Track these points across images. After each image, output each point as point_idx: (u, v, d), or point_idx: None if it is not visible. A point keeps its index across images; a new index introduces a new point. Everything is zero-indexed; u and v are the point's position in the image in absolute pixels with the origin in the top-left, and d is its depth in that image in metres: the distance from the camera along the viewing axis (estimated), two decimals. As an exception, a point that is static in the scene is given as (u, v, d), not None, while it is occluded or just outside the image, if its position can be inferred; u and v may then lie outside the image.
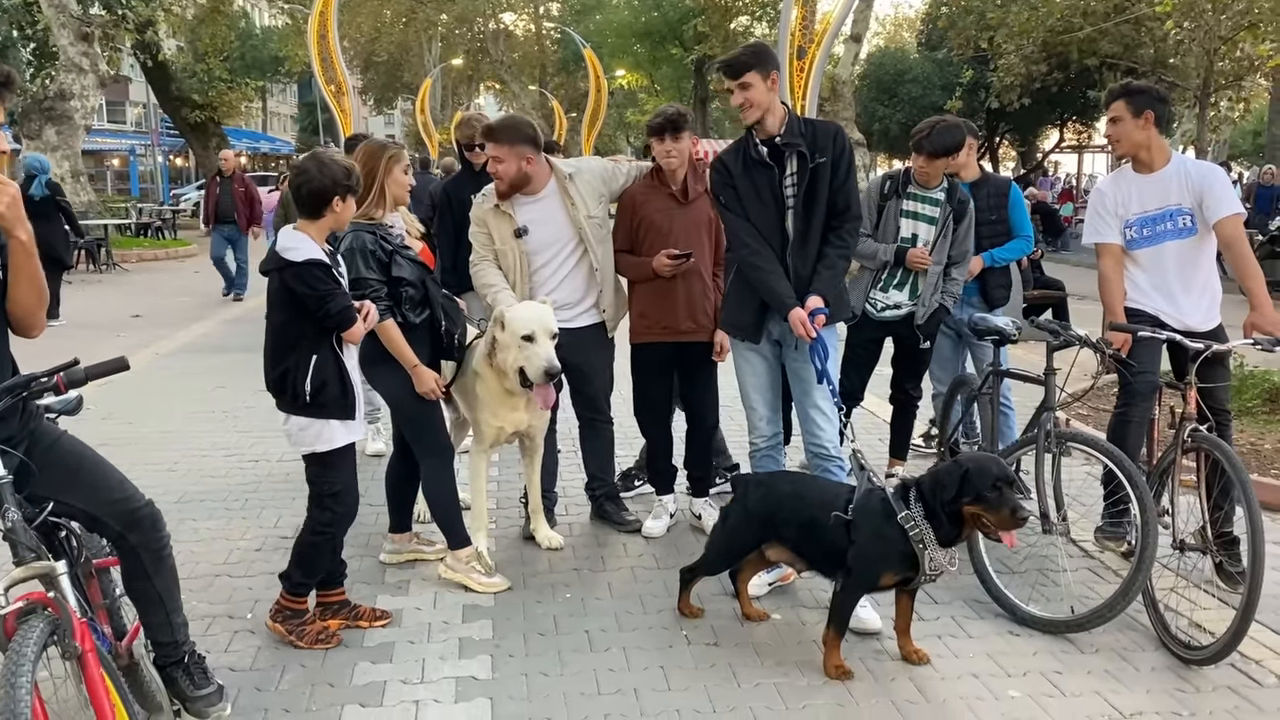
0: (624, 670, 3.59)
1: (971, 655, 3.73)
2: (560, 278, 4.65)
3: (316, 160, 3.63)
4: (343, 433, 3.68)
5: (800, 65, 11.39)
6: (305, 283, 3.47)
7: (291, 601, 3.79)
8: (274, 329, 3.62)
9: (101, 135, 47.51)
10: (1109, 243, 4.35)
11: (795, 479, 3.96)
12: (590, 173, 4.72)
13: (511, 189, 4.52)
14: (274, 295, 3.59)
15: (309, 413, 3.60)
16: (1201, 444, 3.79)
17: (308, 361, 3.52)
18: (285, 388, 3.60)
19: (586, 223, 4.59)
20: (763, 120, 3.93)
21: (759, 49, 3.97)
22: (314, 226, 3.62)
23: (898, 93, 26.24)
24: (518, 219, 4.56)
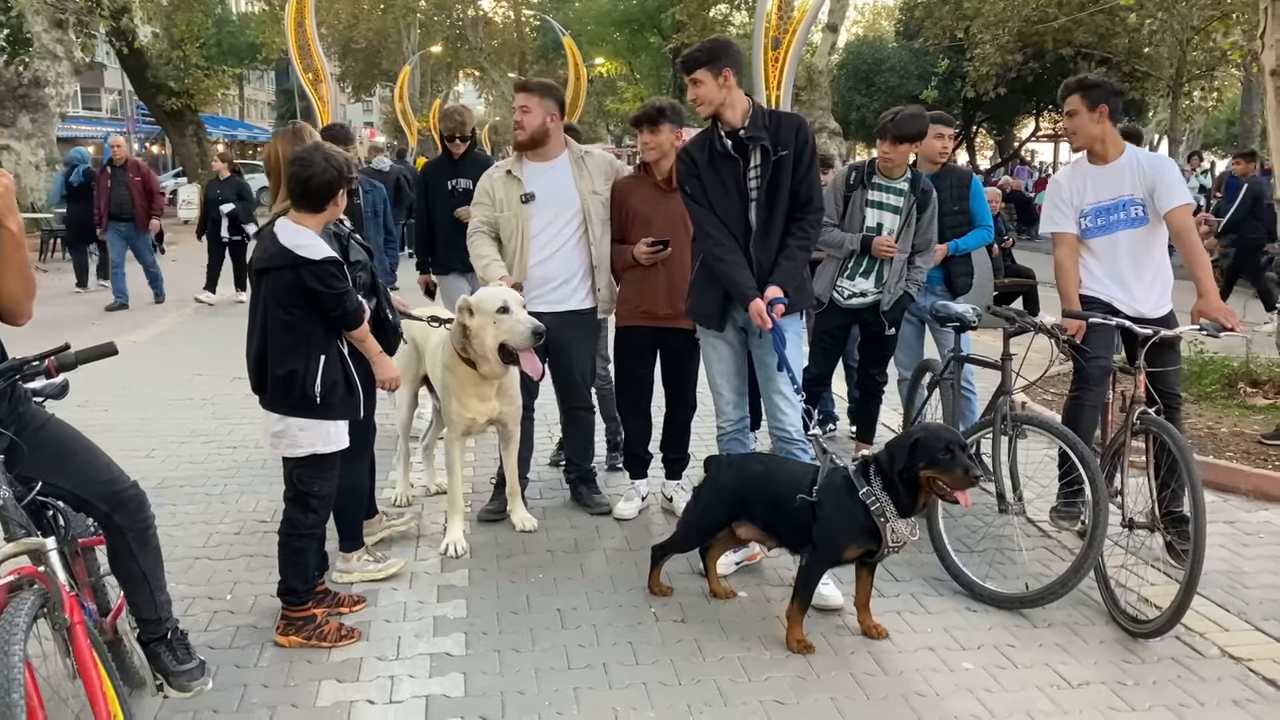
0: (594, 646, 3.72)
1: (929, 630, 3.87)
2: (555, 248, 4.76)
3: (322, 152, 3.54)
4: (345, 433, 3.63)
5: (775, 55, 11.50)
6: (324, 281, 3.41)
7: (298, 611, 3.70)
8: (277, 329, 3.48)
9: (77, 123, 47.07)
10: (1064, 232, 4.49)
11: (765, 460, 4.08)
12: (600, 157, 4.98)
13: (531, 141, 4.69)
14: (280, 293, 3.45)
15: (316, 414, 3.52)
16: (1149, 426, 3.93)
17: (317, 362, 3.46)
18: (291, 390, 3.48)
19: (591, 197, 4.75)
20: (723, 114, 4.04)
21: (713, 46, 4.06)
22: (314, 220, 3.55)
23: (875, 82, 26.39)
24: (526, 184, 4.71)
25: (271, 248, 3.47)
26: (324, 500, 3.68)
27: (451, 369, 4.51)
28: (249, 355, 3.61)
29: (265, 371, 3.53)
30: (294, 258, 3.40)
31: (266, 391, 3.56)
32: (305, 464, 3.60)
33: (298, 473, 3.63)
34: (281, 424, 3.55)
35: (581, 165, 4.79)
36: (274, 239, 3.49)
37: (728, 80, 4.01)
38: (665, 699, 3.35)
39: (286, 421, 3.54)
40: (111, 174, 12.49)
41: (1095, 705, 3.35)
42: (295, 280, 3.42)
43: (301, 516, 3.66)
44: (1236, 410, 6.74)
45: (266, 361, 3.51)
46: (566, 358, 4.88)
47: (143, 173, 12.75)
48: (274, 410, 3.56)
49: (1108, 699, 3.38)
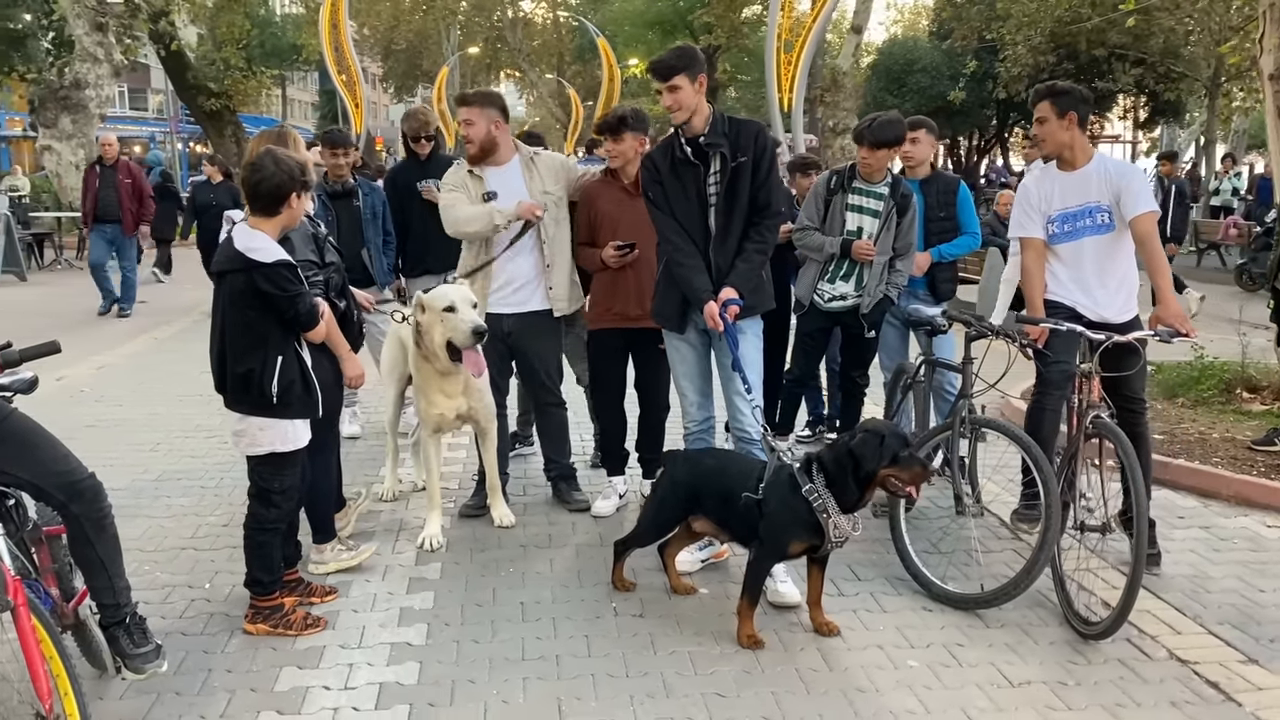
0: (550, 638, 3.83)
1: (881, 628, 3.94)
2: (512, 251, 4.88)
3: (272, 156, 3.65)
4: (305, 431, 3.74)
5: (788, 58, 11.56)
6: (276, 284, 3.50)
7: (265, 601, 3.82)
8: (235, 329, 3.59)
9: (122, 123, 48.07)
10: (1031, 237, 4.53)
11: (718, 455, 4.18)
12: (551, 158, 5.13)
13: (481, 152, 4.82)
14: (236, 295, 3.56)
15: (274, 413, 3.62)
16: (1101, 430, 3.98)
17: (274, 362, 3.56)
18: (249, 388, 3.58)
19: (542, 197, 4.86)
20: (691, 120, 4.13)
21: (685, 52, 4.17)
22: (269, 224, 3.65)
23: (906, 82, 26.29)
24: (487, 184, 4.83)
25: (227, 251, 3.60)
26: (285, 495, 3.79)
27: (418, 367, 4.66)
28: (211, 355, 3.71)
29: (224, 373, 3.65)
30: (246, 261, 3.51)
31: (227, 391, 3.68)
32: (265, 461, 3.71)
33: (259, 470, 3.74)
34: (242, 423, 3.67)
35: (531, 167, 4.91)
36: (229, 243, 3.62)
37: (702, 86, 4.12)
38: (610, 690, 3.45)
39: (246, 420, 3.65)
40: (100, 174, 11.95)
41: (1032, 704, 3.40)
42: (248, 283, 3.53)
43: (264, 511, 3.78)
44: (1232, 415, 6.71)
45: (224, 363, 3.63)
46: (531, 357, 5.02)
47: (133, 174, 12.16)
48: (234, 409, 3.68)
49: (1046, 698, 3.44)
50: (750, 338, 4.21)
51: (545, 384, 5.12)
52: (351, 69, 23.19)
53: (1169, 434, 6.30)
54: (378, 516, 5.12)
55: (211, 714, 3.29)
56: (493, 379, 4.94)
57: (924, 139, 5.63)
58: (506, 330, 4.94)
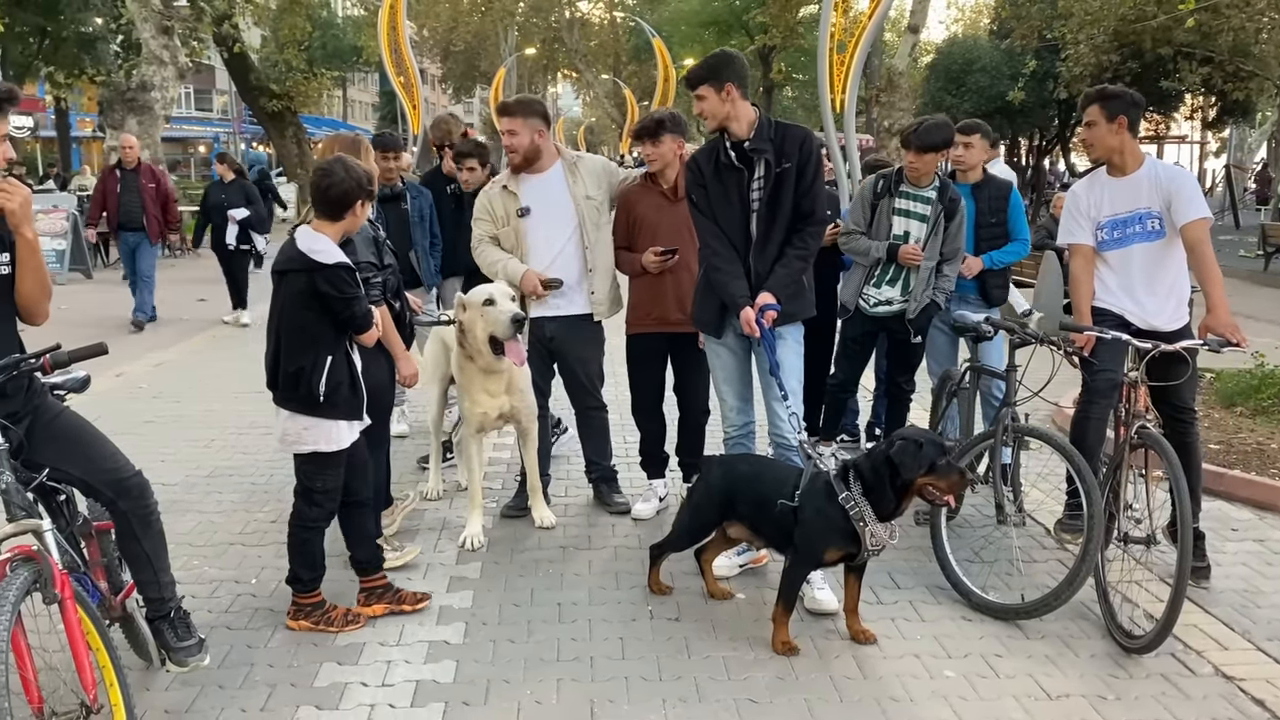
0: (585, 640, 3.86)
1: (919, 637, 3.91)
2: (553, 254, 4.91)
3: (343, 163, 3.72)
4: (349, 433, 3.79)
5: (841, 59, 11.49)
6: (335, 286, 3.58)
7: (307, 598, 3.89)
8: (291, 329, 3.66)
9: (188, 123, 49.17)
10: (1080, 244, 4.46)
11: (754, 460, 4.18)
12: (593, 161, 5.14)
13: (525, 161, 4.84)
14: (294, 295, 3.63)
15: (320, 413, 3.68)
16: (1146, 440, 3.91)
17: (324, 362, 3.61)
18: (298, 386, 3.64)
19: (584, 202, 4.89)
20: (729, 126, 4.13)
21: (715, 62, 4.16)
22: (332, 228, 3.71)
23: (965, 82, 25.88)
24: (522, 199, 4.87)
25: (289, 251, 3.68)
26: (328, 494, 3.83)
27: (461, 366, 4.72)
28: (266, 353, 3.81)
29: (277, 370, 3.72)
30: (308, 261, 3.58)
31: (278, 388, 3.75)
32: (310, 460, 3.77)
33: (304, 468, 3.81)
34: (289, 421, 3.73)
35: (575, 172, 4.93)
36: (292, 243, 3.70)
37: (730, 94, 4.09)
38: (642, 693, 3.47)
39: (293, 419, 3.71)
40: (121, 178, 11.00)
41: (1069, 717, 3.36)
42: (308, 283, 3.60)
43: (307, 509, 3.84)
44: (1292, 426, 6.54)
45: (279, 359, 3.70)
46: (572, 360, 5.05)
47: (157, 178, 11.28)
48: (282, 406, 3.75)
49: (1084, 712, 3.39)
50: (790, 344, 4.20)
51: (586, 387, 5.15)
52: (410, 71, 23.41)
53: (1225, 444, 6.17)
54: (421, 515, 5.18)
55: (252, 707, 3.37)
56: (535, 382, 4.99)
57: (977, 144, 5.54)
58: (548, 334, 4.99)
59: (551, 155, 4.93)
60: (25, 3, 25.37)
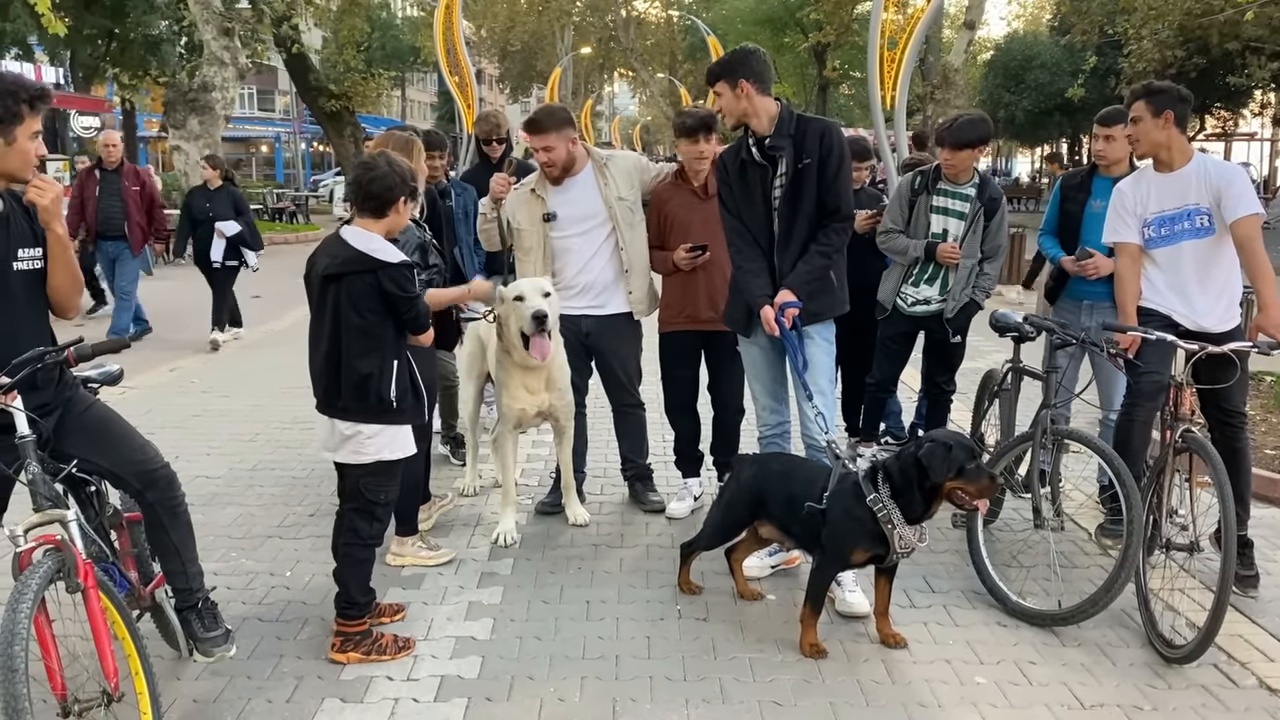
0: (612, 639, 3.84)
1: (951, 642, 3.84)
2: (588, 255, 4.91)
3: (386, 158, 3.61)
4: (413, 438, 3.67)
5: (891, 55, 11.34)
6: (399, 285, 3.44)
7: (354, 626, 3.63)
8: (353, 332, 3.47)
9: (251, 123, 50.13)
10: (1126, 242, 4.35)
11: (786, 460, 4.13)
12: (624, 159, 5.11)
13: (564, 173, 4.84)
14: (357, 297, 3.46)
15: (389, 419, 3.53)
16: (1191, 445, 3.80)
17: (391, 366, 3.49)
18: (367, 394, 3.48)
19: (617, 204, 4.87)
20: (749, 123, 4.09)
21: (730, 59, 4.12)
22: (378, 225, 3.57)
23: (1025, 79, 25.53)
24: (550, 203, 4.85)
25: (344, 253, 3.50)
26: (388, 507, 3.69)
27: (501, 362, 4.73)
28: (313, 365, 3.62)
29: (335, 379, 3.53)
30: (372, 261, 3.43)
31: (339, 398, 3.54)
32: (372, 471, 3.58)
33: (365, 481, 3.59)
34: (351, 429, 3.54)
35: (605, 173, 4.89)
36: (344, 244, 3.52)
37: (745, 91, 4.03)
38: (666, 693, 3.45)
39: (357, 428, 3.53)
40: (101, 179, 9.67)
41: (1103, 727, 3.28)
42: (373, 284, 3.45)
43: (366, 525, 3.63)
44: (1355, 431, 6.34)
45: (336, 369, 3.51)
46: (609, 358, 5.04)
47: (142, 180, 9.94)
48: (342, 417, 3.55)
49: (1118, 722, 3.31)
50: (819, 342, 4.15)
51: (624, 384, 5.14)
52: (464, 71, 23.60)
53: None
54: (457, 510, 5.21)
55: (278, 699, 3.40)
56: (572, 379, 4.98)
57: (1119, 135, 4.90)
58: (585, 331, 4.98)
59: (582, 159, 4.91)
60: (93, 5, 26.02)
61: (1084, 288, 4.93)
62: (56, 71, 28.72)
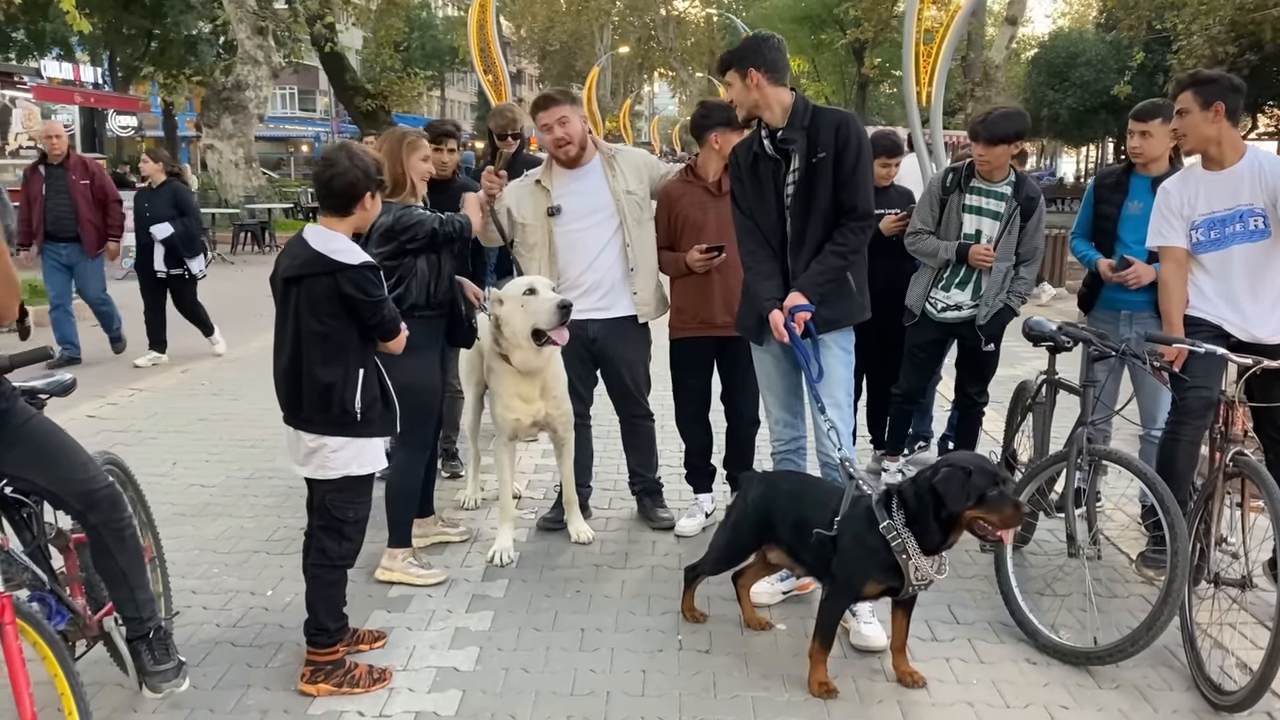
0: (605, 672, 3.55)
1: (975, 682, 3.51)
2: (595, 251, 4.63)
3: (348, 151, 3.36)
4: (383, 453, 3.46)
5: (927, 50, 10.96)
6: (361, 288, 3.21)
7: (325, 654, 3.39)
8: (312, 339, 3.25)
9: (291, 123, 50.45)
10: (1172, 246, 4.00)
11: (797, 479, 3.82)
12: (633, 154, 4.85)
13: (581, 152, 4.58)
14: (316, 301, 3.23)
15: (355, 431, 3.30)
16: (1242, 469, 3.44)
17: (356, 375, 3.27)
18: (329, 405, 3.26)
19: (625, 197, 4.60)
20: (761, 114, 3.80)
21: (741, 48, 3.83)
22: (343, 224, 3.35)
23: (1069, 76, 24.87)
24: (555, 196, 4.59)
25: (304, 254, 3.28)
26: (359, 526, 3.43)
27: (494, 369, 4.47)
28: (276, 374, 3.41)
29: (297, 389, 3.31)
30: (330, 263, 3.20)
31: (302, 409, 3.33)
32: (339, 487, 3.35)
33: (331, 498, 3.36)
34: (316, 442, 3.32)
35: (614, 165, 4.63)
36: (305, 245, 3.28)
37: (755, 81, 3.73)
38: (658, 737, 3.16)
39: (321, 440, 3.30)
40: (46, 175, 8.50)
41: (1142, 786, 2.94)
42: (331, 287, 3.22)
43: (335, 545, 3.38)
44: None
45: (299, 378, 3.30)
46: (617, 366, 4.75)
47: (92, 173, 8.69)
48: (305, 429, 3.33)
49: (1159, 780, 2.97)
50: (836, 352, 3.83)
51: (632, 394, 4.84)
52: (498, 69, 23.45)
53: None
54: (455, 525, 4.93)
55: (238, 735, 3.15)
56: (574, 388, 4.71)
57: (1157, 130, 4.54)
58: (591, 336, 4.69)
59: (591, 149, 4.64)
60: (132, 5, 26.18)
61: (1121, 296, 4.56)
62: (95, 71, 28.97)
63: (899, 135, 6.16)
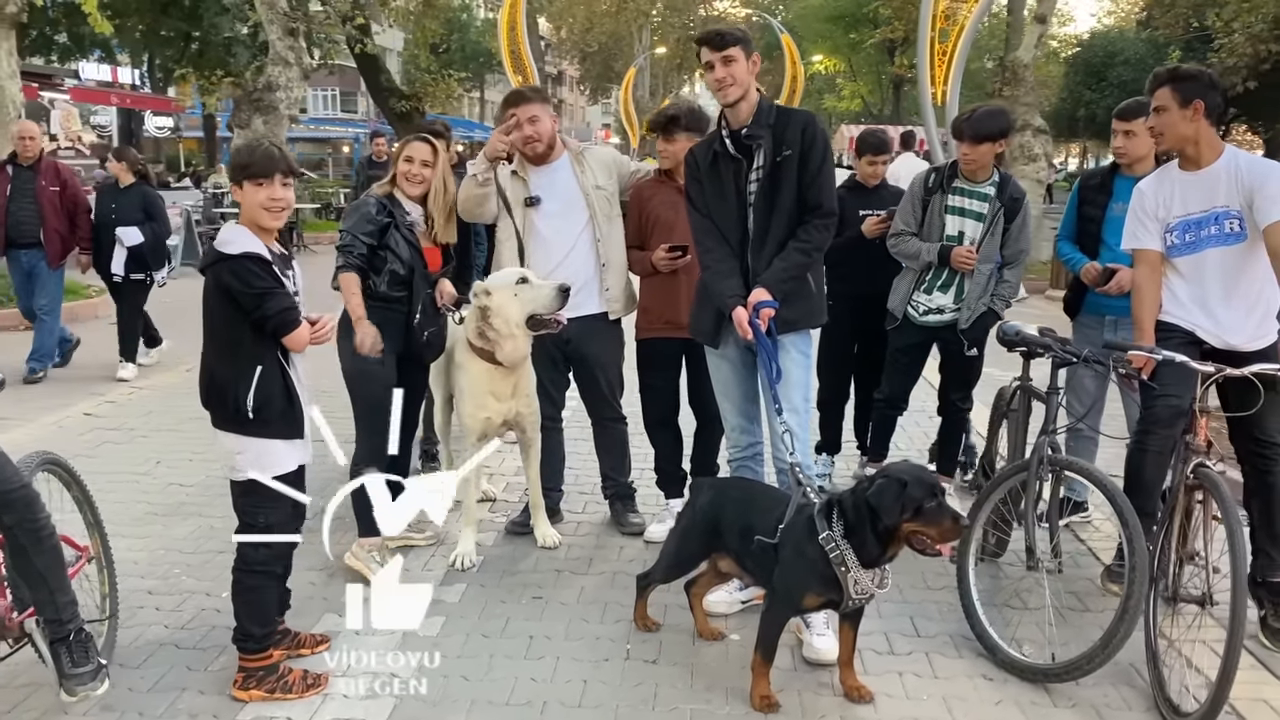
0: (545, 681, 3.48)
1: (925, 698, 3.40)
2: (567, 247, 4.57)
3: (264, 146, 3.38)
4: (287, 454, 3.29)
5: (942, 49, 10.76)
6: (240, 278, 3.13)
7: (255, 660, 3.34)
8: (210, 334, 3.25)
9: (331, 124, 50.90)
10: (1146, 249, 3.85)
11: (746, 485, 3.73)
12: (601, 151, 4.81)
13: (549, 149, 4.55)
14: (208, 295, 3.22)
15: (250, 431, 3.22)
16: (1203, 481, 3.30)
17: (250, 373, 3.18)
18: (225, 400, 3.21)
19: (594, 193, 4.57)
20: (739, 106, 3.71)
21: (745, 33, 3.77)
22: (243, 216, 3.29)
23: (1107, 76, 24.40)
24: (532, 187, 4.56)
25: (206, 248, 3.38)
26: (272, 530, 3.30)
27: (464, 367, 4.40)
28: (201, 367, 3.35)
29: (204, 385, 3.31)
30: (214, 254, 3.17)
31: (210, 407, 3.30)
32: (244, 490, 3.26)
33: (239, 501, 3.31)
34: (231, 441, 3.27)
35: (582, 162, 4.59)
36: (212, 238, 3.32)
37: (756, 66, 3.70)
38: (586, 749, 3.08)
39: (228, 439, 3.26)
40: (14, 177, 7.97)
41: (1083, 811, 2.83)
42: (215, 278, 3.17)
43: (251, 550, 3.31)
44: None
45: (208, 374, 3.29)
46: (592, 368, 4.69)
47: (64, 179, 8.09)
48: (217, 427, 3.30)
49: (1102, 805, 2.85)
50: (795, 355, 3.74)
51: (606, 396, 4.78)
52: (527, 70, 23.52)
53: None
54: (421, 529, 4.88)
55: (164, 740, 3.12)
56: (545, 390, 4.66)
57: (1140, 129, 4.41)
58: (565, 337, 4.62)
59: (559, 147, 4.59)
60: (170, 9, 26.55)
61: (1106, 301, 4.43)
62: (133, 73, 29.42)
63: (888, 133, 6.04)
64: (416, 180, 4.38)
